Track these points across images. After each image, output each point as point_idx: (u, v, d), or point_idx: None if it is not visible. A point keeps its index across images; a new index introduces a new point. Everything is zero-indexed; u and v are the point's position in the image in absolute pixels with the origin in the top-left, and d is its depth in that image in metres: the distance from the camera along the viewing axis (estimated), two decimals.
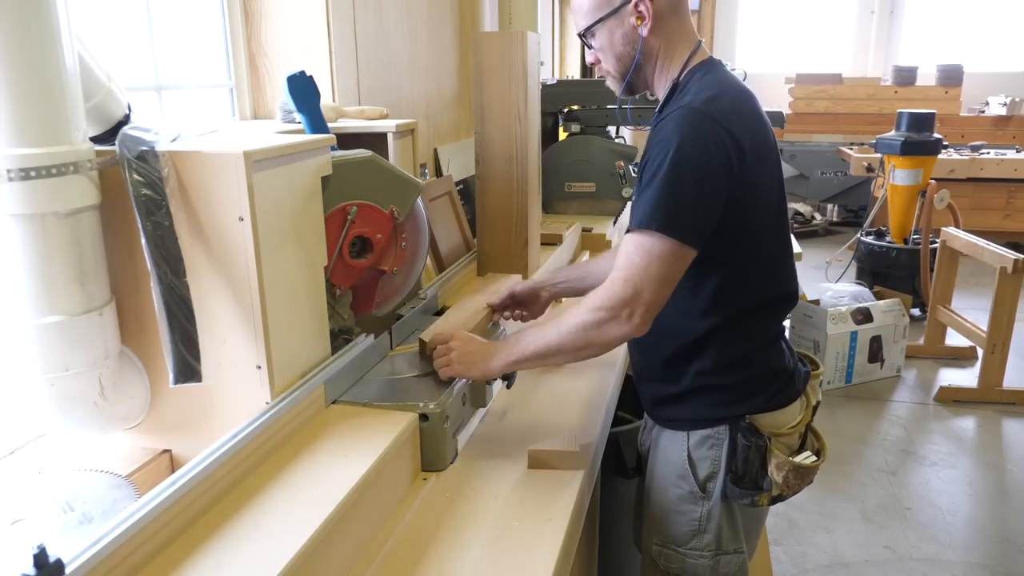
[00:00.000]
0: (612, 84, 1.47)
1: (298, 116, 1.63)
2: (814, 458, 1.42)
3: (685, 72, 1.38)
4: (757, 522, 1.57)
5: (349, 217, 1.40)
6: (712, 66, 1.38)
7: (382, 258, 1.49)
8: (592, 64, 1.47)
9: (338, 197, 1.39)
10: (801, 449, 1.44)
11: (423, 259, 1.66)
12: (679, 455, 1.44)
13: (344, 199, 1.40)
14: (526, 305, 1.72)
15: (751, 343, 1.40)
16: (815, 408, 1.48)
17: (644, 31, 1.36)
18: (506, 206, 2.14)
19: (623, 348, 1.97)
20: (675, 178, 1.23)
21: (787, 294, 1.45)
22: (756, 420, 1.39)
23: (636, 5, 1.35)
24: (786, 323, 1.52)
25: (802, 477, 1.40)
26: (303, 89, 1.59)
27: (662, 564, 1.49)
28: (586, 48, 1.46)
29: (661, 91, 1.42)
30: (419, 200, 1.57)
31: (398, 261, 1.52)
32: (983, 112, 8.29)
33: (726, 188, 1.26)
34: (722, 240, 1.29)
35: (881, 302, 4.31)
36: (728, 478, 1.40)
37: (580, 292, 1.65)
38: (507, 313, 1.73)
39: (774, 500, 1.43)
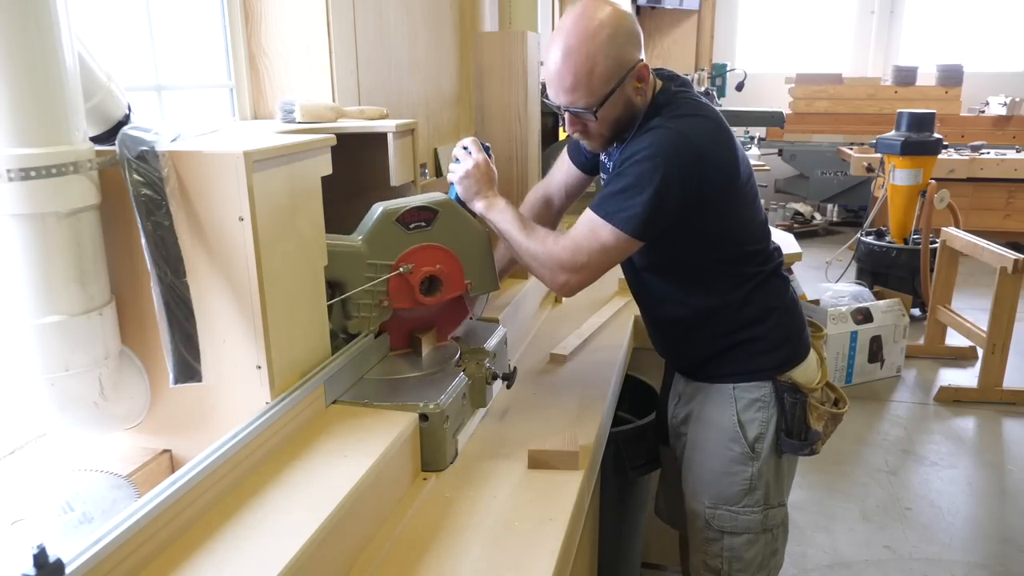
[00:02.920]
0: (593, 144, 1.55)
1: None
2: (836, 407, 1.64)
3: (648, 105, 1.48)
4: (792, 475, 1.71)
5: (402, 269, 1.47)
6: (670, 93, 1.48)
7: (452, 285, 1.54)
8: (574, 133, 1.51)
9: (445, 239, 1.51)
10: (823, 401, 1.63)
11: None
12: (729, 419, 1.58)
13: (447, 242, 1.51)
14: None
15: (765, 299, 1.58)
16: (824, 364, 1.67)
17: (647, 90, 1.46)
18: None
19: (624, 347, 1.97)
20: (645, 185, 1.36)
21: (773, 246, 1.63)
22: (793, 377, 1.57)
23: (639, 71, 1.42)
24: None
25: (835, 423, 1.63)
26: None
27: (715, 524, 1.61)
28: (569, 119, 1.48)
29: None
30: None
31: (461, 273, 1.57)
32: (983, 112, 8.29)
33: (682, 201, 1.40)
34: (721, 226, 1.49)
35: (881, 302, 4.31)
36: (781, 434, 1.57)
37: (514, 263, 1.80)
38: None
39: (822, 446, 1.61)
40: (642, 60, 1.43)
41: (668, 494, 1.89)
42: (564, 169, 1.81)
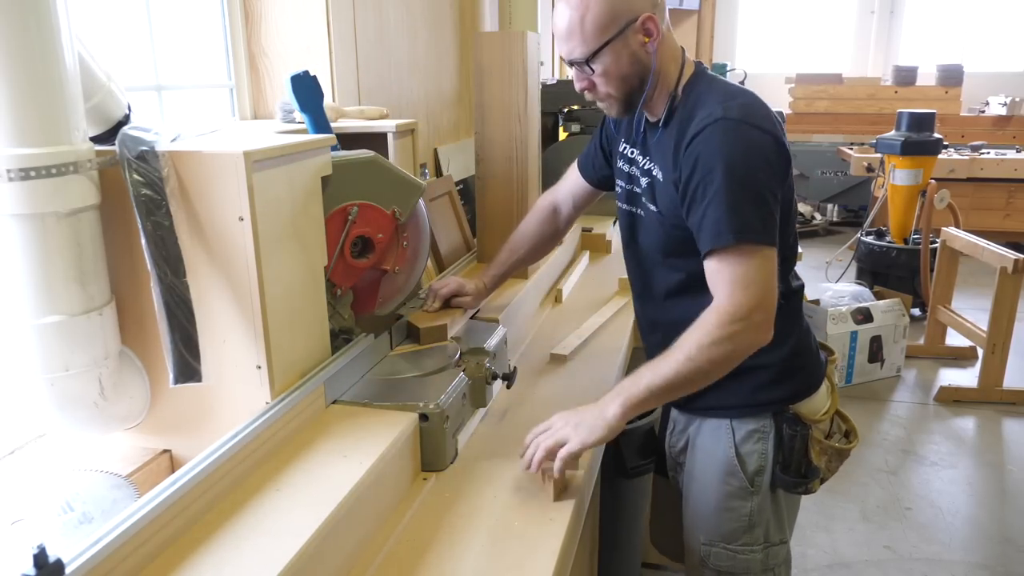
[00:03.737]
0: (610, 107, 1.40)
1: (301, 115, 1.63)
2: (847, 440, 1.49)
3: (681, 85, 1.37)
4: (795, 510, 1.58)
5: (350, 217, 1.39)
6: (706, 75, 1.38)
7: (384, 258, 1.49)
8: (583, 90, 1.39)
9: (340, 197, 1.39)
10: (831, 432, 1.48)
11: (425, 258, 1.66)
12: (725, 451, 1.44)
13: (346, 199, 1.40)
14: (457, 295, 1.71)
15: (783, 322, 1.36)
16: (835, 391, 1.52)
17: (653, 47, 1.32)
18: (506, 206, 2.13)
19: (624, 347, 1.97)
20: (736, 189, 1.22)
21: (794, 253, 1.48)
22: (796, 408, 1.43)
23: (644, 22, 1.29)
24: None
25: (840, 459, 1.47)
26: (307, 89, 1.59)
27: (711, 563, 1.48)
28: (576, 73, 1.37)
29: (659, 107, 1.40)
30: (421, 201, 1.57)
31: (400, 261, 1.53)
32: (983, 112, 8.29)
33: (780, 185, 1.28)
34: (782, 225, 1.32)
35: (881, 302, 4.30)
36: (777, 468, 1.43)
37: (518, 265, 1.79)
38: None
39: (820, 484, 1.47)
40: (650, 14, 1.29)
41: (662, 528, 1.81)
42: (573, 179, 1.74)
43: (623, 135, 1.53)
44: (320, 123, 1.61)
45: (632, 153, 1.49)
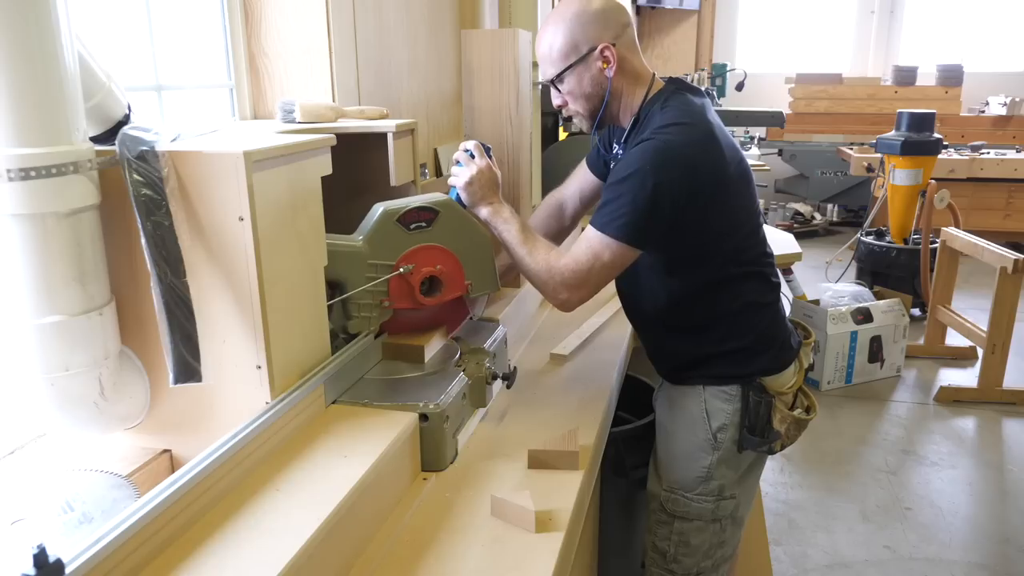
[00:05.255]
0: (580, 123, 1.62)
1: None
2: (807, 414, 1.67)
3: (644, 103, 1.56)
4: (755, 472, 1.74)
5: (402, 270, 1.47)
6: (667, 96, 1.54)
7: (452, 286, 1.54)
8: (559, 107, 1.61)
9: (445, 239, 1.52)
10: (794, 406, 1.67)
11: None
12: (697, 408, 1.63)
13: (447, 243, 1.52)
14: None
15: (756, 309, 1.61)
16: (807, 371, 1.70)
17: (611, 72, 1.53)
18: None
19: (624, 347, 1.97)
20: (632, 190, 1.42)
21: (767, 253, 1.65)
22: (763, 381, 1.61)
23: (602, 51, 1.51)
24: (787, 296, 1.73)
25: (799, 428, 1.67)
26: None
27: (668, 508, 1.67)
28: (552, 92, 1.60)
29: (625, 122, 1.60)
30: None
31: (460, 276, 1.58)
32: (983, 112, 8.29)
33: (674, 204, 1.44)
34: (713, 232, 1.52)
35: (881, 302, 4.30)
36: (744, 430, 1.61)
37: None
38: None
39: (781, 447, 1.67)
40: (609, 44, 1.51)
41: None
42: (581, 175, 1.85)
43: (616, 135, 1.70)
44: None
45: (618, 152, 1.67)
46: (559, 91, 1.58)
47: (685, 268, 1.57)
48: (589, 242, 1.48)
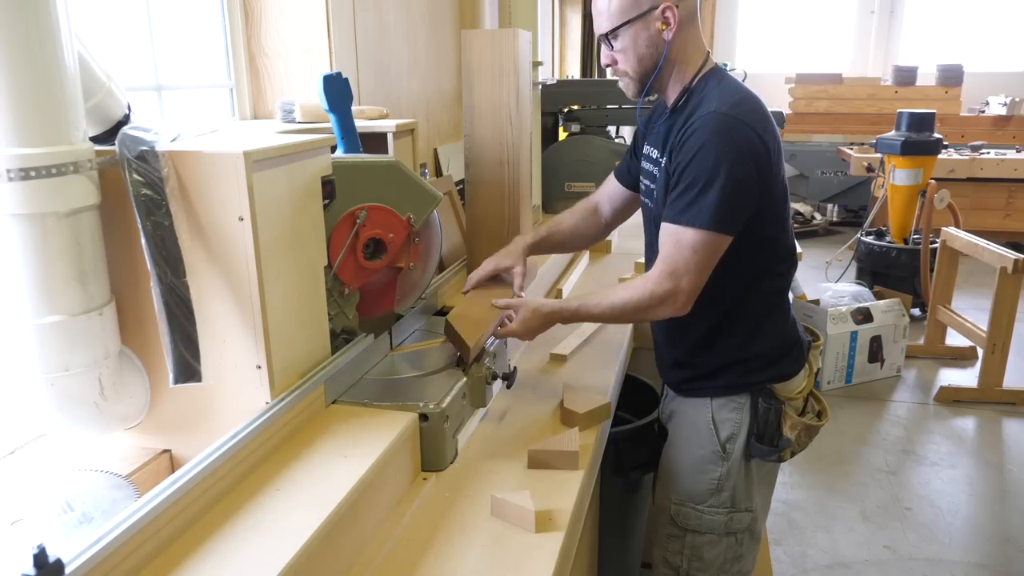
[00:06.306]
0: (627, 85, 1.53)
1: (328, 115, 1.64)
2: (818, 419, 1.61)
3: (698, 79, 1.48)
4: (769, 482, 1.69)
5: (358, 221, 1.41)
6: (722, 74, 1.48)
7: (397, 257, 1.51)
8: (607, 65, 1.52)
9: (356, 199, 1.41)
10: (804, 410, 1.61)
11: (437, 253, 1.68)
12: (704, 418, 1.58)
13: (362, 201, 1.42)
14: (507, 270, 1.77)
15: (772, 316, 1.57)
16: (816, 374, 1.65)
17: (668, 36, 1.44)
18: (497, 212, 2.06)
19: (624, 347, 1.97)
20: (713, 176, 1.35)
21: (793, 252, 1.59)
22: (773, 387, 1.56)
23: (663, 11, 1.42)
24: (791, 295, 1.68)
25: (809, 435, 1.60)
26: (337, 90, 1.60)
27: (679, 521, 1.62)
28: (603, 48, 1.52)
29: (672, 95, 1.52)
30: None
31: (413, 257, 1.55)
32: (983, 112, 8.29)
33: (757, 183, 1.39)
34: (754, 227, 1.44)
35: (881, 302, 4.31)
36: (752, 438, 1.56)
37: (556, 242, 1.85)
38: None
39: (791, 455, 1.61)
40: (672, 5, 1.41)
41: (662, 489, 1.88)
42: (610, 183, 1.83)
43: (648, 135, 1.64)
44: (347, 125, 1.62)
45: (649, 151, 1.61)
46: (611, 47, 1.48)
47: (735, 259, 1.47)
48: (674, 237, 1.40)
